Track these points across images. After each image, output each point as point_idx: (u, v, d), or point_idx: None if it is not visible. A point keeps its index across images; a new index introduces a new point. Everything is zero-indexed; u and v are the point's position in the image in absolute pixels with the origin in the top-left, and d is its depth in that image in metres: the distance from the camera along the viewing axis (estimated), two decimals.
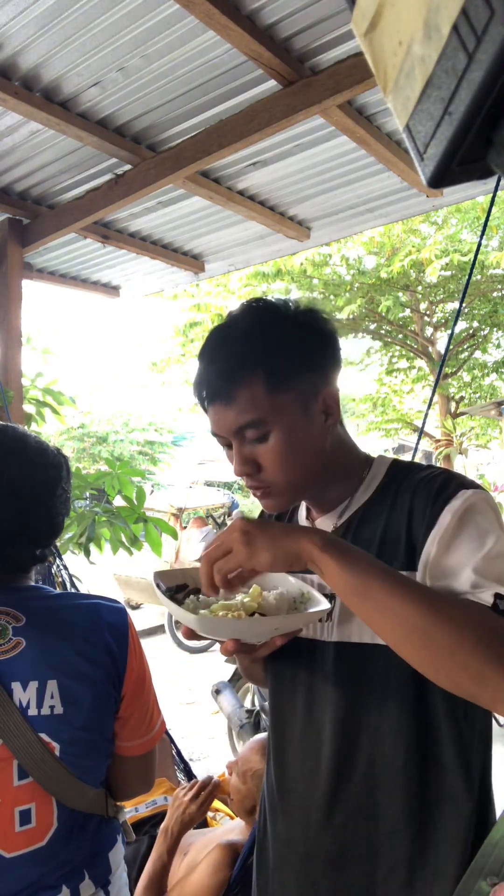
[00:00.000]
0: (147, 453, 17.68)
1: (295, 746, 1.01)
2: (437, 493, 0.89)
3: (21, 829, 0.99)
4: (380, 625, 0.75)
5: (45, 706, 1.01)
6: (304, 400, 0.94)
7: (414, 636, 0.72)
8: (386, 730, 0.90)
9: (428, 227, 9.83)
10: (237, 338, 0.95)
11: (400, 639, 0.74)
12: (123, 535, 3.03)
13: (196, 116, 2.31)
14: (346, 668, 0.94)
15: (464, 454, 11.57)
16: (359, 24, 0.44)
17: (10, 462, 1.07)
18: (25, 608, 1.06)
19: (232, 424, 0.92)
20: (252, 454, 0.93)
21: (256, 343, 0.93)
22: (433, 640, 0.71)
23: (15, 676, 1.00)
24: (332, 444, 0.98)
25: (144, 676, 1.16)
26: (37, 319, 22.10)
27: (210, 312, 11.01)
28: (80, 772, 1.05)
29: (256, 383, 0.91)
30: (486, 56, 0.34)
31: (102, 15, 1.83)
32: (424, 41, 0.38)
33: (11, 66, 2.05)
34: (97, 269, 3.68)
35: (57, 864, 1.03)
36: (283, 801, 1.02)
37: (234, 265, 3.70)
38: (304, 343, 0.95)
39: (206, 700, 4.79)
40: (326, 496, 1.02)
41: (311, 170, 2.66)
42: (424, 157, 0.41)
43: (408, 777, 0.89)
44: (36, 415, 3.50)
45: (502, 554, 0.80)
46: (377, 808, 0.90)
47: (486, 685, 0.69)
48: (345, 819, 0.93)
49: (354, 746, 0.93)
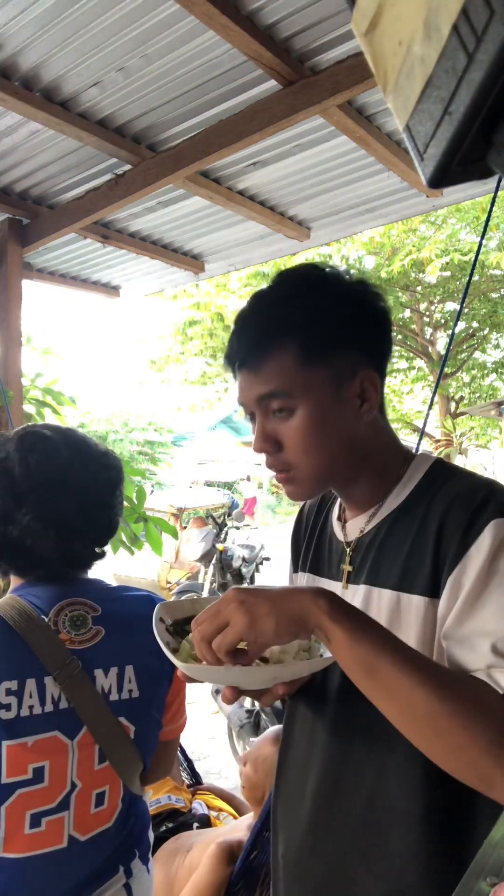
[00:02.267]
0: (147, 453, 17.66)
1: (294, 762, 0.97)
2: (471, 519, 0.77)
3: (94, 811, 1.04)
4: (385, 707, 0.68)
5: (125, 690, 1.06)
6: (339, 379, 0.84)
7: (421, 725, 0.66)
8: (386, 766, 0.83)
9: (427, 228, 9.83)
10: (274, 302, 0.88)
11: (405, 725, 0.68)
12: (124, 534, 3.03)
13: (196, 116, 2.31)
14: (349, 685, 0.90)
15: (464, 454, 11.57)
16: (359, 24, 0.44)
17: (78, 462, 1.10)
18: (98, 599, 1.10)
19: (256, 393, 0.85)
20: (274, 430, 0.85)
21: (294, 309, 0.85)
22: (440, 734, 0.65)
23: (97, 664, 1.04)
24: (367, 435, 0.88)
25: None
26: (37, 319, 22.12)
27: (210, 311, 11.01)
28: (144, 752, 1.10)
29: (288, 353, 0.83)
30: (486, 56, 0.34)
31: (102, 15, 1.83)
32: (424, 41, 0.38)
33: (11, 66, 2.05)
34: (97, 269, 3.68)
35: (117, 844, 1.08)
36: (278, 814, 1.00)
37: (234, 265, 3.70)
38: (348, 316, 0.86)
39: (206, 700, 4.79)
40: (359, 493, 0.92)
41: (310, 170, 2.66)
42: (424, 157, 0.41)
43: (406, 809, 0.82)
44: (36, 415, 3.50)
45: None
46: (358, 841, 0.85)
47: (493, 787, 0.63)
48: (331, 848, 0.88)
49: (343, 769, 0.87)
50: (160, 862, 1.81)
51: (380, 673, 0.67)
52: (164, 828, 1.94)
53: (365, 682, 0.69)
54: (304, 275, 0.90)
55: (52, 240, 3.01)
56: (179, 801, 2.06)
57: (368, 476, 0.90)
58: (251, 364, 0.85)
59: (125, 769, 1.06)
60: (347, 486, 0.93)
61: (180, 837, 1.89)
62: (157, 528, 2.96)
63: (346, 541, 0.95)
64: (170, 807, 2.03)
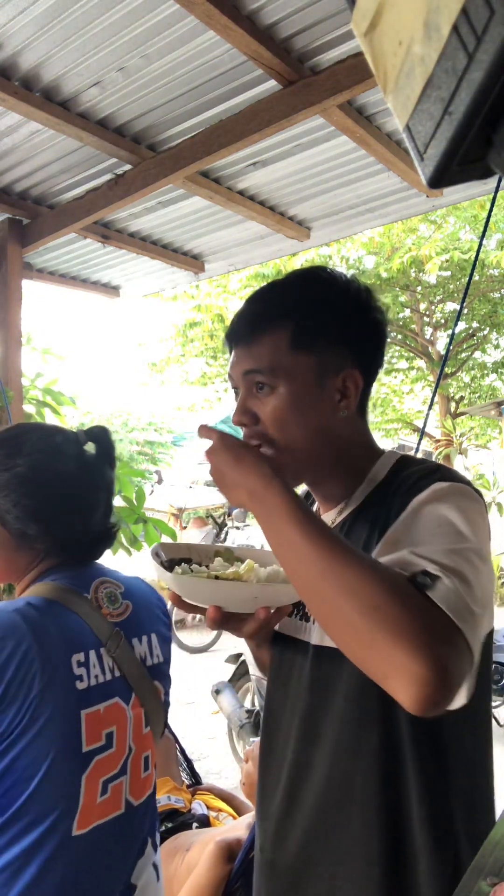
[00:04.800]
0: (147, 453, 17.65)
1: (274, 749, 0.97)
2: (411, 488, 0.83)
3: (143, 775, 1.11)
4: (287, 570, 0.73)
5: (154, 656, 1.17)
6: (324, 370, 0.89)
7: (312, 582, 0.69)
8: (344, 745, 0.84)
9: (427, 228, 9.83)
10: (278, 289, 0.94)
11: (300, 586, 0.71)
12: (123, 535, 3.03)
13: (196, 116, 2.31)
14: (320, 674, 0.89)
15: (463, 454, 11.57)
16: (359, 24, 0.44)
17: (110, 463, 1.20)
18: (116, 578, 1.19)
19: (243, 367, 0.91)
20: (254, 406, 0.90)
21: (295, 297, 0.91)
22: (326, 589, 0.67)
23: (132, 633, 1.14)
24: (342, 431, 0.92)
25: None
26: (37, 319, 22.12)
27: (210, 313, 11.01)
28: (166, 714, 1.19)
29: (281, 336, 0.89)
30: (487, 56, 0.34)
31: (102, 15, 1.83)
32: (424, 41, 0.38)
33: (11, 66, 2.05)
34: (97, 269, 3.68)
35: (153, 812, 1.15)
36: (260, 804, 0.99)
37: (234, 265, 3.69)
38: (344, 315, 0.91)
39: (206, 700, 4.79)
40: (330, 489, 0.97)
41: (310, 170, 2.66)
42: (424, 157, 0.41)
43: (364, 800, 0.82)
44: (36, 415, 3.50)
45: (449, 536, 0.73)
46: (336, 826, 0.84)
47: (374, 652, 0.63)
48: (303, 832, 0.88)
49: (311, 758, 0.87)
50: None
51: (285, 535, 0.72)
52: (164, 828, 1.94)
53: (276, 551, 0.74)
54: (313, 271, 0.96)
55: (52, 240, 3.01)
56: (179, 801, 2.06)
57: (340, 473, 0.95)
58: (246, 341, 0.91)
59: (157, 731, 1.15)
60: (320, 481, 0.97)
61: (179, 836, 1.89)
62: (156, 529, 2.97)
63: None
64: (169, 807, 2.03)
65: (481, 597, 0.70)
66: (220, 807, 2.17)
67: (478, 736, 0.88)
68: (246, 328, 0.91)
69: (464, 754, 0.84)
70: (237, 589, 0.85)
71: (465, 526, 0.74)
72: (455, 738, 0.83)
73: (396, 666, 0.62)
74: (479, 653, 0.69)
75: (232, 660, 4.16)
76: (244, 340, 0.91)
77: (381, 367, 0.98)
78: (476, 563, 0.72)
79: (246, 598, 0.84)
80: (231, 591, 0.85)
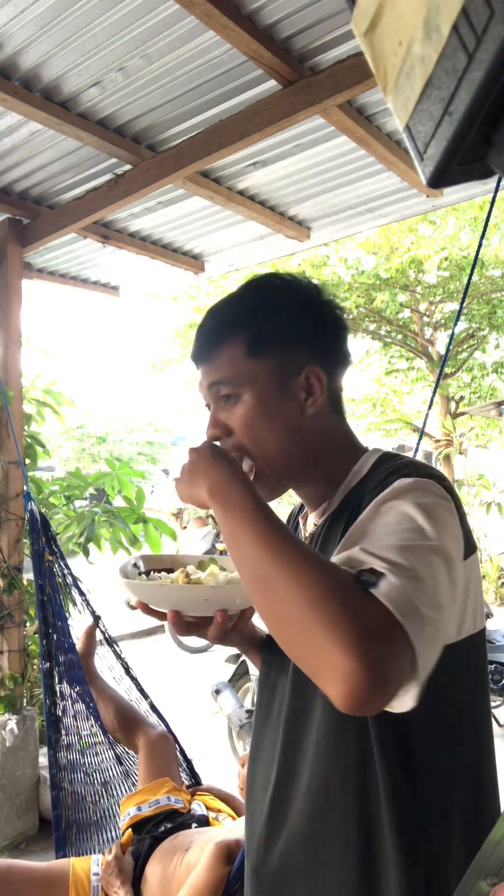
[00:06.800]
0: (147, 453, 17.66)
1: (262, 754, 0.96)
2: (378, 485, 0.80)
3: None
4: (237, 566, 0.73)
5: None
6: (285, 372, 0.90)
7: (255, 576, 0.69)
8: (324, 751, 0.82)
9: (427, 227, 9.83)
10: (229, 301, 0.96)
11: (245, 580, 0.72)
12: (123, 535, 3.04)
13: (196, 116, 2.31)
14: (304, 679, 0.85)
15: (463, 454, 11.56)
16: (359, 24, 0.44)
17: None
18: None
19: (207, 381, 0.93)
20: (224, 418, 0.92)
21: (244, 306, 0.94)
22: (268, 583, 0.67)
23: None
24: (315, 429, 0.92)
25: None
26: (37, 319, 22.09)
27: None
28: None
29: (236, 345, 0.91)
30: (487, 56, 0.34)
31: (102, 15, 1.83)
32: (424, 41, 0.38)
33: (11, 66, 2.05)
34: (97, 269, 3.68)
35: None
36: (248, 806, 0.98)
37: (234, 265, 3.70)
38: (295, 314, 0.93)
39: (206, 700, 4.78)
40: (313, 490, 0.96)
41: (310, 170, 2.66)
42: (424, 157, 0.41)
43: (343, 807, 0.80)
44: (36, 415, 3.51)
45: (406, 533, 0.70)
46: (315, 832, 0.83)
47: (308, 648, 0.63)
48: (286, 838, 0.86)
49: (296, 764, 0.86)
50: (158, 861, 1.81)
51: (236, 540, 0.72)
52: (163, 828, 1.94)
53: (228, 547, 0.74)
54: (263, 278, 0.98)
55: (52, 240, 3.01)
56: (178, 801, 2.06)
57: (321, 473, 0.94)
58: (205, 356, 0.94)
59: None
60: (302, 483, 0.97)
61: (178, 836, 1.88)
62: (156, 528, 2.97)
63: (304, 536, 0.99)
64: (169, 807, 2.02)
65: (435, 595, 0.67)
66: (220, 807, 2.17)
67: (478, 737, 0.87)
68: (204, 344, 0.94)
69: (440, 759, 0.82)
70: (185, 591, 0.87)
71: (426, 522, 0.71)
72: (427, 743, 0.80)
73: (327, 661, 0.61)
74: (433, 654, 0.65)
75: (232, 660, 4.16)
76: (204, 356, 0.94)
77: (348, 360, 0.98)
78: (432, 560, 0.69)
79: (197, 600, 0.86)
80: (180, 594, 0.86)
